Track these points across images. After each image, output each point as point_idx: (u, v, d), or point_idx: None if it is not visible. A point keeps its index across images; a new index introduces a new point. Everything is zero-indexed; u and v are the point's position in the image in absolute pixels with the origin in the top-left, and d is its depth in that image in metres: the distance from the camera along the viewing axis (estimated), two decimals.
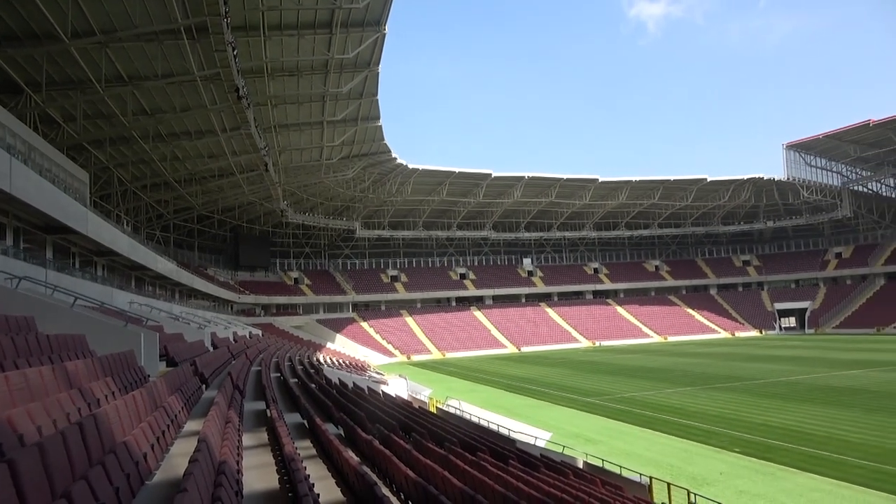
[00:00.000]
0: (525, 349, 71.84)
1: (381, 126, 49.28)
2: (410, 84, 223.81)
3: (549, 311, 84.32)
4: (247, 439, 10.79)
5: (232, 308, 64.26)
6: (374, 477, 8.80)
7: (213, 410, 9.17)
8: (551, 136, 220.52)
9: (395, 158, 61.20)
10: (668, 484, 14.57)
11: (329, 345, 62.73)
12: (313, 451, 10.90)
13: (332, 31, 32.08)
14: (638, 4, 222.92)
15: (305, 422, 13.78)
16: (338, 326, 72.18)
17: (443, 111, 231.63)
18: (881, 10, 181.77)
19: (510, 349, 72.17)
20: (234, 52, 26.59)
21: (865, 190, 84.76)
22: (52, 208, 20.58)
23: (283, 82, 36.74)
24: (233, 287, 63.56)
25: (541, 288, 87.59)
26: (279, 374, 24.08)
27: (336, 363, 43.29)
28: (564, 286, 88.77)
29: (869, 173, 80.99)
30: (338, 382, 25.32)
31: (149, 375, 13.35)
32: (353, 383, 27.84)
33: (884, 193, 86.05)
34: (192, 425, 10.36)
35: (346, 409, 15.52)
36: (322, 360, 42.72)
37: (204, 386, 15.81)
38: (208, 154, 42.72)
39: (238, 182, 49.07)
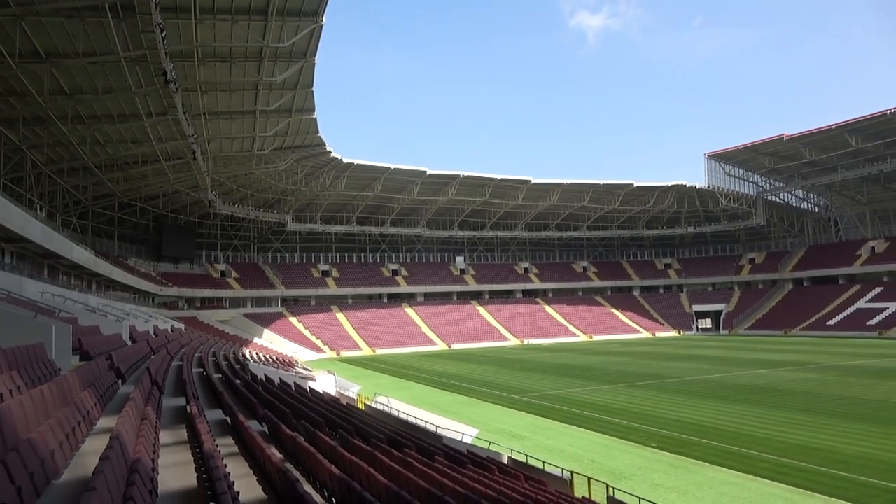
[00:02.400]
0: (455, 346, 72.40)
1: (315, 118, 48.46)
2: (349, 78, 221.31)
3: (480, 309, 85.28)
4: (164, 437, 10.43)
5: (153, 301, 61.76)
6: (297, 474, 8.68)
7: (129, 406, 8.81)
8: (487, 136, 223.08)
9: (330, 152, 60.34)
10: (589, 478, 15.05)
11: (256, 340, 61.27)
12: (235, 449, 10.64)
13: (267, 19, 31.29)
14: (579, 14, 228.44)
15: (228, 419, 13.43)
16: (266, 321, 70.59)
17: (381, 107, 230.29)
18: (800, 32, 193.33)
19: (441, 346, 72.56)
20: (163, 35, 25.53)
21: (778, 200, 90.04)
22: None
23: (214, 68, 35.55)
24: (155, 279, 61.08)
25: (472, 286, 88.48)
26: (202, 370, 23.34)
27: (263, 359, 42.34)
28: (495, 285, 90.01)
29: (781, 184, 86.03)
30: (264, 378, 24.77)
31: (60, 370, 12.68)
32: (280, 379, 27.31)
33: (794, 204, 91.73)
34: (105, 422, 9.93)
35: (271, 405, 15.22)
36: (248, 355, 41.68)
37: (120, 381, 15.16)
38: (132, 139, 40.83)
39: (163, 169, 47.18)
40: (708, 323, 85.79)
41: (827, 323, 71.12)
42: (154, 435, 8.89)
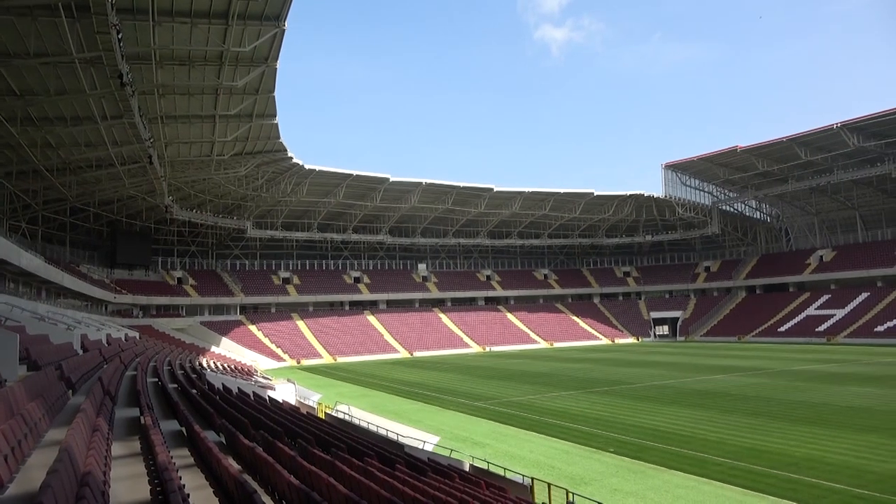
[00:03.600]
0: (417, 354, 72.22)
1: (277, 124, 47.87)
2: (312, 84, 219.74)
3: (443, 316, 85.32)
4: (117, 449, 10.15)
5: (106, 309, 59.99)
6: (256, 485, 8.55)
7: (79, 418, 8.56)
8: (450, 145, 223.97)
9: (291, 158, 59.69)
10: (549, 484, 15.17)
11: (214, 348, 60.03)
12: (191, 461, 10.42)
13: (228, 23, 30.87)
14: (543, 27, 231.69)
15: (184, 429, 13.15)
16: (224, 329, 69.26)
17: (344, 114, 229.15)
18: (755, 47, 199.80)
19: (403, 354, 72.30)
20: (119, 36, 24.99)
21: (732, 210, 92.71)
22: None
23: (172, 71, 34.88)
24: (108, 286, 59.36)
25: (435, 293, 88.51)
26: (157, 380, 22.77)
27: (220, 368, 41.51)
28: (458, 292, 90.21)
29: (735, 195, 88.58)
30: (221, 388, 24.31)
31: (5, 380, 12.23)
32: (238, 388, 26.82)
33: (747, 214, 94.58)
34: (54, 434, 9.61)
35: (228, 415, 14.95)
36: (205, 364, 40.81)
37: (70, 392, 14.69)
38: (85, 142, 39.71)
39: (118, 174, 45.99)
40: (665, 329, 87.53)
41: (778, 329, 73.33)
42: (106, 447, 8.65)
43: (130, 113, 32.55)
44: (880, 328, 64.08)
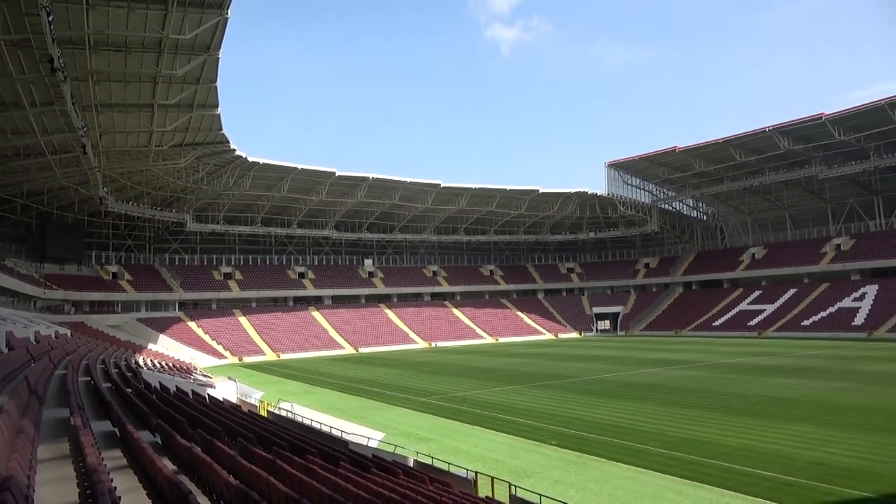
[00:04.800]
0: (363, 350, 71.75)
1: (219, 115, 46.56)
2: (258, 76, 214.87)
3: (389, 312, 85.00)
4: (44, 451, 9.69)
5: (35, 305, 57.14)
6: (192, 486, 8.30)
7: (1, 420, 8.12)
8: (398, 140, 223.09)
9: (234, 150, 58.20)
10: (492, 478, 15.32)
11: (151, 346, 58.06)
12: (124, 462, 10.05)
13: (167, 9, 29.82)
14: (493, 26, 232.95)
15: (117, 430, 12.66)
16: (162, 326, 67.08)
17: (291, 107, 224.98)
18: (698, 51, 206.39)
19: (348, 350, 71.69)
20: (50, 18, 23.79)
21: (670, 208, 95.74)
22: None
23: (108, 57, 33.46)
24: (37, 281, 56.55)
25: (381, 289, 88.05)
26: (89, 379, 21.85)
27: (158, 366, 40.19)
28: (404, 288, 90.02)
29: (674, 194, 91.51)
30: (158, 386, 23.53)
31: None
32: (176, 387, 26.02)
33: (685, 212, 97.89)
34: None
35: (165, 414, 14.48)
36: (142, 362, 39.45)
37: None
38: (12, 130, 37.66)
39: (49, 164, 43.85)
40: (607, 324, 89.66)
41: (713, 324, 76.17)
42: (31, 449, 8.23)
43: (62, 100, 31.10)
44: (806, 322, 67.40)
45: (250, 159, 63.05)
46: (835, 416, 24.04)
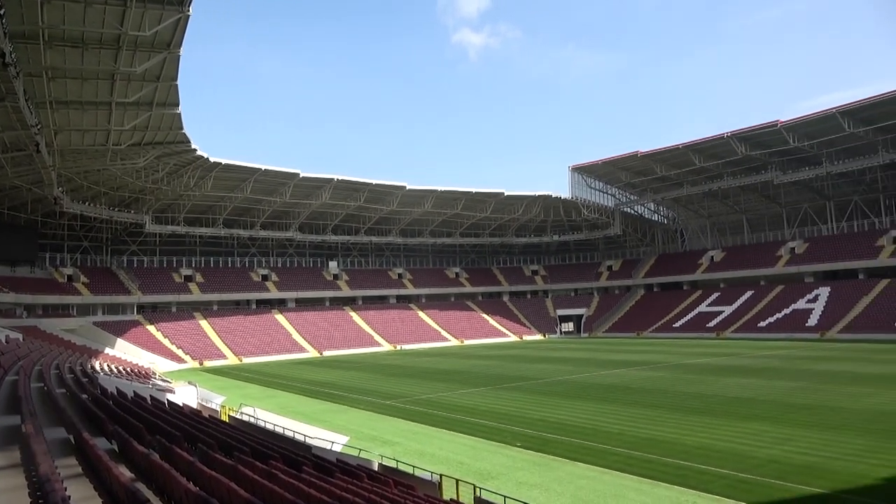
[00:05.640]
0: (327, 353, 71.12)
1: (179, 114, 45.65)
2: (221, 75, 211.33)
3: (353, 314, 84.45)
4: None
5: None
6: (150, 494, 8.12)
7: None
8: (364, 142, 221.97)
9: (195, 150, 57.12)
10: (457, 480, 15.34)
11: (108, 350, 56.57)
12: (79, 470, 9.77)
13: (126, 5, 29.14)
14: (462, 31, 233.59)
15: (72, 437, 12.30)
16: (119, 330, 65.38)
17: (256, 107, 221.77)
18: (661, 57, 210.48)
19: (312, 353, 70.97)
20: (2, 12, 23.06)
21: (632, 212, 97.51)
22: None
23: (63, 53, 32.54)
24: None
25: (346, 292, 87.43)
26: (42, 385, 21.19)
27: (115, 371, 39.18)
28: (369, 290, 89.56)
29: (636, 197, 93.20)
30: (115, 392, 22.95)
31: None
32: (134, 392, 25.40)
33: (646, 216, 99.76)
34: None
35: (122, 420, 14.12)
36: (98, 367, 38.38)
37: None
38: None
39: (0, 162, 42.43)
40: (570, 326, 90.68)
41: (673, 325, 77.70)
42: None
43: (14, 96, 30.11)
44: (762, 324, 69.27)
45: (212, 159, 61.99)
46: (790, 415, 24.76)
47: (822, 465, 17.56)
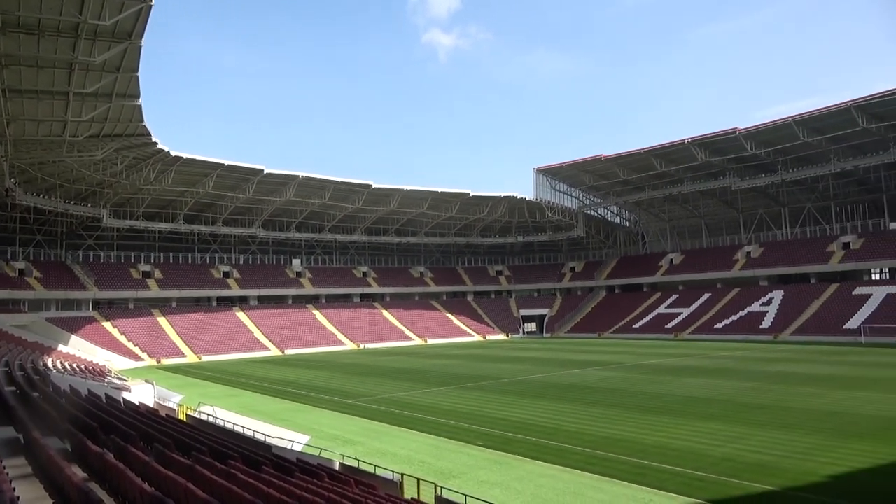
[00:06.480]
0: (289, 352, 70.35)
1: (140, 105, 44.55)
2: (187, 68, 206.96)
3: (316, 313, 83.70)
4: None
5: None
6: (104, 494, 7.94)
7: None
8: (330, 139, 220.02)
9: (156, 143, 55.87)
10: (418, 479, 15.37)
11: (62, 347, 54.93)
12: (29, 470, 9.50)
13: None
14: (432, 31, 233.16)
15: (21, 436, 11.94)
16: (74, 326, 63.54)
17: (221, 102, 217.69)
18: (625, 65, 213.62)
19: (274, 352, 70.12)
20: None
21: (595, 214, 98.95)
22: None
23: (18, 40, 31.49)
24: None
25: (309, 290, 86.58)
26: None
27: (69, 368, 38.09)
28: (333, 289, 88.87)
29: (599, 200, 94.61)
30: (68, 390, 22.34)
31: None
32: (89, 390, 24.77)
33: (609, 218, 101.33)
34: None
35: (75, 420, 13.76)
36: (51, 364, 37.27)
37: None
38: None
39: None
40: (533, 327, 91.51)
41: (633, 326, 79.08)
42: None
43: None
44: (719, 325, 71.01)
45: (173, 153, 60.73)
46: (744, 415, 25.46)
47: (774, 464, 18.11)
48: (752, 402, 28.30)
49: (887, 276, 71.30)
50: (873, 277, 72.10)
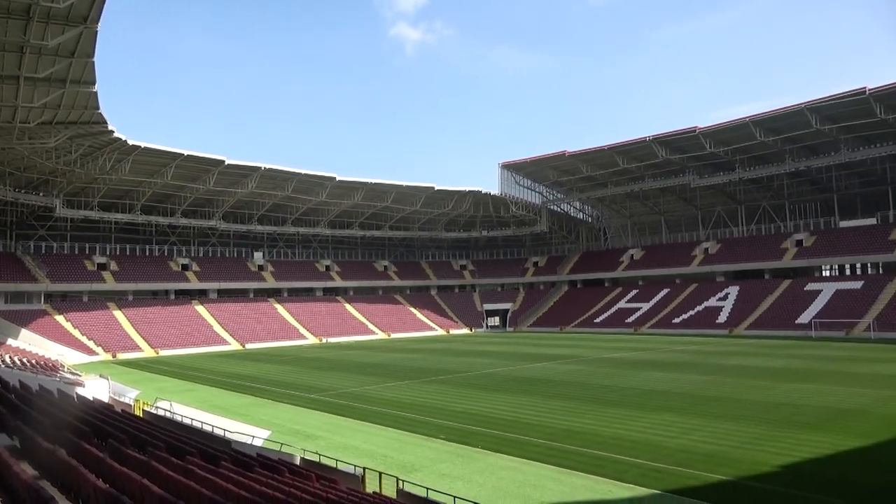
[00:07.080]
0: (250, 346, 69.40)
1: (95, 92, 43.26)
2: (147, 55, 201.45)
3: (278, 306, 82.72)
4: None
5: None
6: (55, 492, 7.74)
7: None
8: (294, 131, 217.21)
9: (112, 132, 54.31)
10: (380, 473, 15.37)
11: (11, 342, 53.14)
12: None
13: None
14: (399, 25, 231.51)
15: None
16: (24, 320, 61.48)
17: (182, 91, 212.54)
18: (589, 62, 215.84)
19: (234, 346, 69.07)
20: None
21: (559, 210, 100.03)
22: None
23: None
24: None
25: (271, 283, 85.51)
26: None
27: (18, 363, 36.89)
28: (295, 282, 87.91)
29: (562, 196, 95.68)
30: (17, 385, 21.65)
31: None
32: (40, 385, 24.04)
33: (572, 214, 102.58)
34: None
35: (25, 415, 13.36)
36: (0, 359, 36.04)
37: None
38: None
39: None
40: (496, 321, 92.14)
41: (594, 320, 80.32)
42: None
43: None
44: (677, 320, 72.64)
45: (131, 142, 59.14)
46: (700, 407, 26.13)
47: (726, 454, 18.65)
48: (708, 395, 29.06)
49: (836, 273, 74.07)
50: (824, 274, 74.80)
